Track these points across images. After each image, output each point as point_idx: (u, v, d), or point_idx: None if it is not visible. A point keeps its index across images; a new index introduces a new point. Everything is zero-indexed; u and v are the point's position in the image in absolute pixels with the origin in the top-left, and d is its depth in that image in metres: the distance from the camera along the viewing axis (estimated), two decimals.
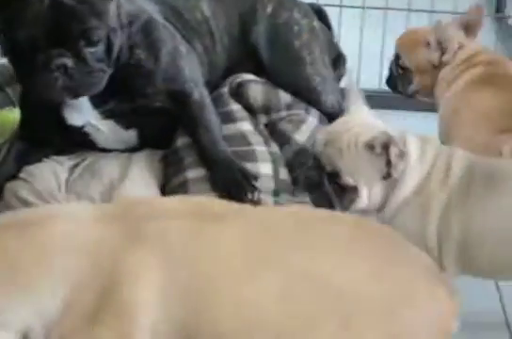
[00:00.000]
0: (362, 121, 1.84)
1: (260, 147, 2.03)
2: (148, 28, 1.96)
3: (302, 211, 1.49)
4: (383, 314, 1.35)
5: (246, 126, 2.06)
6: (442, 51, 2.33)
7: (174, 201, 1.42)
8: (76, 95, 1.86)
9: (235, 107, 2.09)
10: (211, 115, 2.01)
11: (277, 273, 1.34)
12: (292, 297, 1.33)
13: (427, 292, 1.42)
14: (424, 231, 1.74)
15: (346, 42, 2.54)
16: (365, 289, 1.36)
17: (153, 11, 2.03)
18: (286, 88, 2.17)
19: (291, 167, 2.08)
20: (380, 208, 1.79)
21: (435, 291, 1.43)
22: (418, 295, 1.40)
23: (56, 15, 1.76)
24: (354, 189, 1.77)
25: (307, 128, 2.14)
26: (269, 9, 2.22)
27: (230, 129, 2.05)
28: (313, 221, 1.43)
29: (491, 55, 2.39)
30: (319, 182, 1.80)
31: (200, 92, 2.01)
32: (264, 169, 1.99)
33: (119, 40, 1.86)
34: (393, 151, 1.71)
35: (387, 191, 1.77)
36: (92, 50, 1.80)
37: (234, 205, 1.47)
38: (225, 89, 2.12)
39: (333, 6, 2.73)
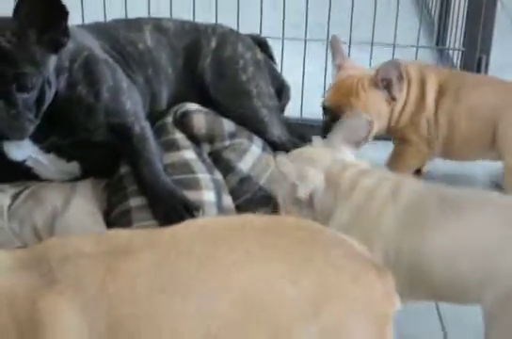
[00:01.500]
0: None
1: (203, 175, 2.05)
2: (88, 65, 1.96)
3: (211, 224, 1.47)
4: (311, 313, 1.33)
5: (189, 154, 2.08)
6: (388, 88, 2.37)
7: (87, 241, 1.41)
8: (1, 137, 1.84)
9: (179, 136, 2.11)
10: (152, 147, 2.03)
11: (195, 296, 1.33)
12: (214, 318, 1.32)
13: (353, 279, 1.38)
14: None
15: (289, 73, 2.59)
16: (286, 293, 1.34)
17: (94, 47, 2.04)
18: (234, 120, 2.19)
19: (235, 195, 2.12)
20: None
21: (362, 276, 1.39)
22: (342, 284, 1.37)
23: None
24: None
25: (251, 157, 2.18)
26: (213, 44, 2.26)
27: (173, 157, 2.07)
28: (223, 233, 1.42)
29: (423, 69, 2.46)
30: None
31: (140, 126, 2.03)
32: (207, 196, 2.01)
33: (51, 93, 1.85)
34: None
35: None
36: (24, 96, 1.78)
37: (144, 233, 1.46)
38: (169, 119, 2.14)
39: (276, 38, 2.79)
